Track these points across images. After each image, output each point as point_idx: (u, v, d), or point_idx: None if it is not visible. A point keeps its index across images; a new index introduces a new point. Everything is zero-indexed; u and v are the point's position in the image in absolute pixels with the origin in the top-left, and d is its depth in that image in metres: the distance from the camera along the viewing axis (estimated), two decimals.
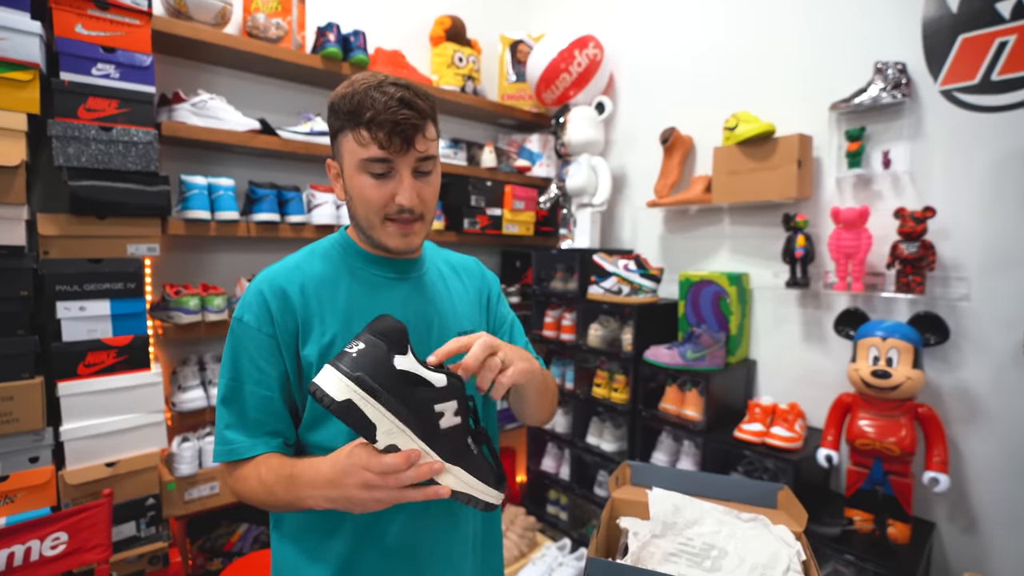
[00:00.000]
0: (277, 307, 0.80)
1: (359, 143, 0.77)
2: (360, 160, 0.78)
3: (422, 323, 0.87)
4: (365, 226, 0.83)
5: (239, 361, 0.80)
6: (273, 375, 0.80)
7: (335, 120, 0.80)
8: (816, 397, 1.83)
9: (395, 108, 0.74)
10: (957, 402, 1.59)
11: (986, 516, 1.55)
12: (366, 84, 0.77)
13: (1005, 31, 1.45)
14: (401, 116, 0.75)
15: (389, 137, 0.75)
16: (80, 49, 1.50)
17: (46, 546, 1.34)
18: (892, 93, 1.62)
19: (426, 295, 0.90)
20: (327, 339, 0.80)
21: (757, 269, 2.03)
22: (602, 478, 2.24)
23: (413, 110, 0.76)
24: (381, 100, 0.74)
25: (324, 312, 0.81)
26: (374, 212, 0.80)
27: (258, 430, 0.79)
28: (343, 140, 0.80)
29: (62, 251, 1.53)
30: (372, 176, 0.78)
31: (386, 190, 0.79)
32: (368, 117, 0.75)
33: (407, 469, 0.64)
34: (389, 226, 0.81)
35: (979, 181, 1.53)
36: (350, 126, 0.77)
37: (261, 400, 0.79)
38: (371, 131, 0.75)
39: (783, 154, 1.80)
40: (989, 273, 1.52)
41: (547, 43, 2.38)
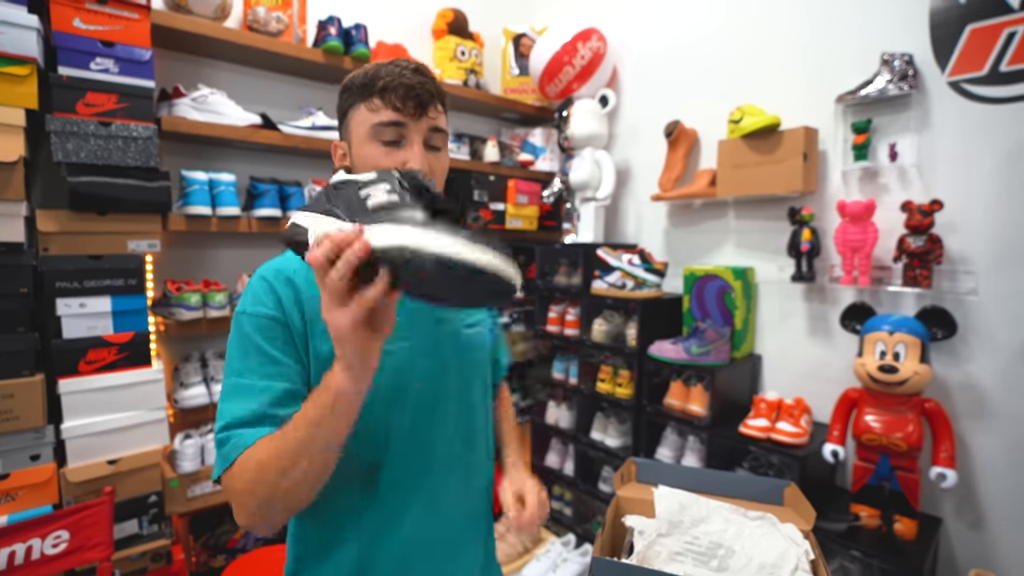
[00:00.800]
0: (286, 294, 0.74)
1: (371, 110, 0.76)
2: (371, 126, 0.76)
3: (433, 313, 0.85)
4: None
5: (247, 355, 0.71)
6: (288, 364, 0.72)
7: (346, 99, 0.80)
8: (822, 392, 1.82)
9: (409, 75, 0.75)
10: (965, 397, 1.57)
11: (994, 512, 1.54)
12: (382, 64, 0.78)
13: (1014, 21, 1.43)
14: (416, 81, 0.75)
15: (403, 101, 0.75)
16: (78, 43, 1.49)
17: (47, 544, 1.33)
18: (899, 85, 1.60)
19: None
20: None
21: (762, 263, 2.01)
22: (606, 473, 2.23)
23: (423, 76, 0.77)
24: (395, 70, 0.75)
25: None
26: None
27: (262, 423, 0.68)
28: (353, 115, 0.79)
29: (62, 247, 1.52)
30: (382, 144, 0.77)
31: (396, 158, 0.76)
32: (381, 85, 0.75)
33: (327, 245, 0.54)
34: None
35: (987, 174, 1.51)
36: (362, 98, 0.77)
37: (276, 395, 0.69)
38: (384, 97, 0.75)
39: (788, 147, 1.78)
40: (997, 267, 1.50)
41: (550, 36, 2.36)
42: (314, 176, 2.12)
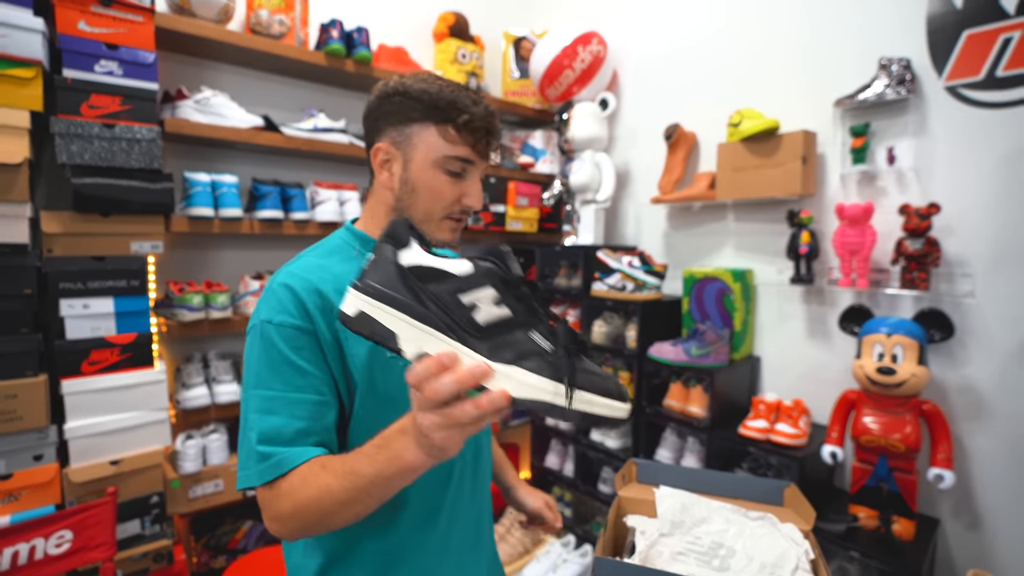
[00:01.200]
0: (313, 304, 0.73)
1: (447, 140, 0.78)
2: (442, 156, 0.78)
3: None
4: (420, 219, 0.81)
5: (275, 367, 0.71)
6: (317, 375, 0.72)
7: (406, 108, 0.78)
8: (821, 394, 1.83)
9: (489, 118, 0.79)
10: (962, 399, 1.59)
11: (991, 513, 1.55)
12: (452, 87, 0.79)
13: (1010, 27, 1.44)
14: (494, 126, 0.80)
15: (481, 143, 0.79)
16: (83, 46, 1.50)
17: (50, 544, 1.34)
18: (896, 89, 1.62)
19: None
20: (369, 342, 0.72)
21: (761, 265, 2.02)
22: (606, 475, 2.24)
23: (497, 121, 0.81)
24: (478, 108, 0.78)
25: None
26: (440, 208, 0.81)
27: (302, 441, 0.69)
28: (418, 131, 0.79)
29: (65, 249, 1.52)
30: (448, 174, 0.80)
31: (457, 189, 0.81)
32: (464, 120, 0.77)
33: (441, 375, 0.52)
34: (445, 222, 0.82)
35: (984, 177, 1.53)
36: (436, 120, 0.78)
37: (304, 406, 0.70)
38: (463, 133, 0.77)
39: (787, 150, 1.79)
40: (994, 270, 1.52)
41: (550, 40, 2.37)
42: (315, 178, 2.13)
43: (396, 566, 0.81)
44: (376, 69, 2.11)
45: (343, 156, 2.11)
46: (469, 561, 0.91)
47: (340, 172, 2.27)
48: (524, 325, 0.55)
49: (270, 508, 0.68)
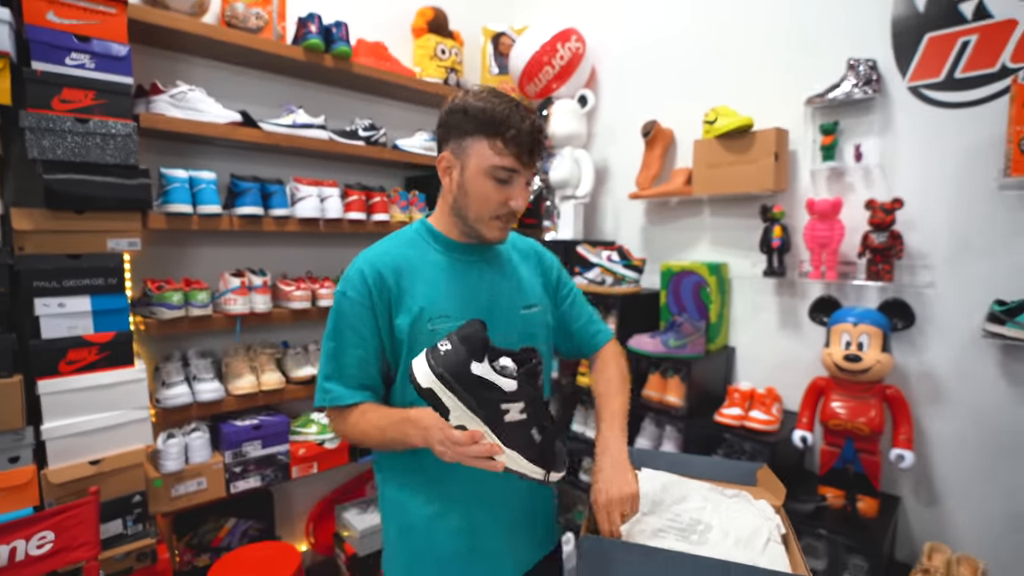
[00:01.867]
0: (374, 284, 0.95)
1: (495, 151, 0.91)
2: (491, 165, 0.92)
3: (495, 296, 1.02)
4: (472, 219, 0.97)
5: (341, 327, 0.97)
6: (369, 339, 0.96)
7: (464, 123, 0.92)
8: (792, 382, 1.90)
9: (534, 132, 0.92)
10: (922, 384, 1.67)
11: (948, 490, 1.65)
12: (504, 103, 0.91)
13: (967, 31, 1.52)
14: (535, 139, 0.93)
15: (526, 154, 0.92)
16: (52, 37, 1.46)
17: (32, 545, 1.32)
18: (863, 89, 1.69)
19: (499, 273, 1.05)
20: (415, 311, 0.95)
21: (736, 259, 2.09)
22: (587, 465, 2.29)
23: (542, 134, 0.95)
24: (524, 124, 0.91)
25: (412, 289, 0.97)
26: (489, 210, 0.95)
27: (353, 383, 0.97)
28: (472, 143, 0.93)
29: (37, 246, 1.49)
30: (496, 181, 0.93)
31: (504, 194, 0.94)
32: (512, 135, 0.90)
33: (471, 444, 0.78)
34: (494, 223, 0.97)
35: (944, 174, 1.61)
36: (487, 134, 0.91)
37: (358, 360, 0.97)
38: (509, 146, 0.90)
39: (761, 147, 1.85)
40: (953, 262, 1.60)
41: (530, 36, 2.39)
42: (295, 174, 2.11)
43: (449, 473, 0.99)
44: (355, 64, 2.10)
45: (322, 153, 2.10)
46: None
47: (319, 168, 2.26)
48: (529, 425, 0.82)
49: (336, 426, 1.00)
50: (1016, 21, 1.44)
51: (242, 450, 1.88)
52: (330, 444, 2.07)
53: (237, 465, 1.87)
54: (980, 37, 1.50)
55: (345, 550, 2.29)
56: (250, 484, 1.91)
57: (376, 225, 2.18)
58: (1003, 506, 1.54)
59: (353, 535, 2.25)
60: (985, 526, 1.58)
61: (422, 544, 1.01)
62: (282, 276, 2.09)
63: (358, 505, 2.40)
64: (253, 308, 1.88)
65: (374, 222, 2.17)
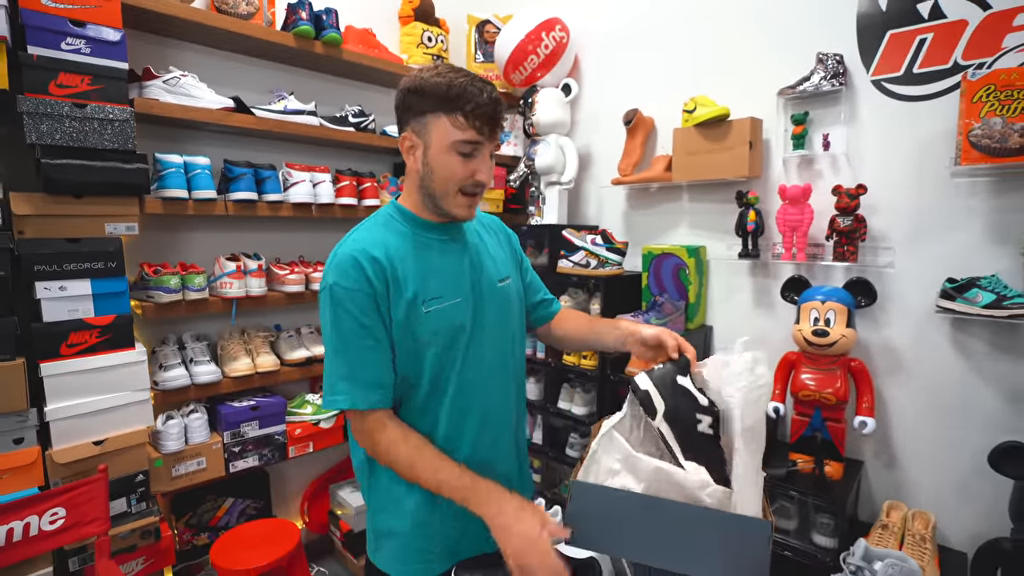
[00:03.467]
0: (372, 270, 0.93)
1: (455, 127, 0.92)
2: (453, 141, 0.93)
3: (476, 273, 1.05)
4: (439, 195, 0.97)
5: (342, 322, 0.93)
6: (374, 328, 0.94)
7: (422, 102, 0.93)
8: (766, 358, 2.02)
9: (492, 104, 0.93)
10: (883, 356, 1.82)
11: (905, 453, 1.80)
12: (461, 77, 0.92)
13: (925, 29, 1.64)
14: (495, 111, 0.93)
15: (485, 126, 0.93)
16: (48, 22, 1.47)
17: (44, 521, 1.37)
18: (831, 81, 1.80)
19: (473, 252, 1.08)
20: (408, 296, 0.96)
21: (713, 242, 2.20)
22: (573, 440, 2.40)
23: (501, 106, 0.95)
24: (482, 96, 0.91)
25: (405, 275, 0.96)
26: (454, 184, 0.96)
27: (368, 381, 0.93)
28: (434, 122, 0.93)
29: (37, 231, 1.51)
30: (460, 155, 0.94)
31: (469, 167, 0.95)
32: (470, 108, 0.90)
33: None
34: (460, 198, 0.98)
35: (903, 162, 1.73)
36: (446, 111, 0.92)
37: (365, 351, 0.93)
38: (469, 119, 0.91)
39: (736, 136, 1.96)
40: (910, 243, 1.74)
41: (515, 25, 2.44)
42: (287, 159, 2.14)
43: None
44: (345, 51, 2.13)
45: (314, 138, 2.13)
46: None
47: (310, 154, 2.29)
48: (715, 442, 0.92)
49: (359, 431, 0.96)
50: (967, 22, 1.56)
51: (240, 430, 1.93)
52: (325, 424, 2.13)
53: (236, 445, 1.92)
54: (935, 35, 1.62)
55: (340, 527, 2.36)
56: (248, 463, 1.96)
57: (367, 210, 2.23)
58: (951, 465, 1.70)
59: (349, 512, 2.32)
60: (936, 484, 1.73)
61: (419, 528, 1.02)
62: (275, 260, 2.13)
63: (351, 484, 2.47)
64: (249, 291, 1.92)
65: (365, 207, 2.22)
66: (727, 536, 0.85)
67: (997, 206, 1.57)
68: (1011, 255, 1.55)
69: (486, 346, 1.04)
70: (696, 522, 0.87)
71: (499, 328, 1.08)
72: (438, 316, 0.97)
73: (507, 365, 1.10)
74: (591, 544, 0.95)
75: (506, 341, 1.10)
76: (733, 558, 0.85)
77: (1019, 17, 1.49)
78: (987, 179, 1.58)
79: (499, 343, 1.07)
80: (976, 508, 1.64)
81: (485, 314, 1.04)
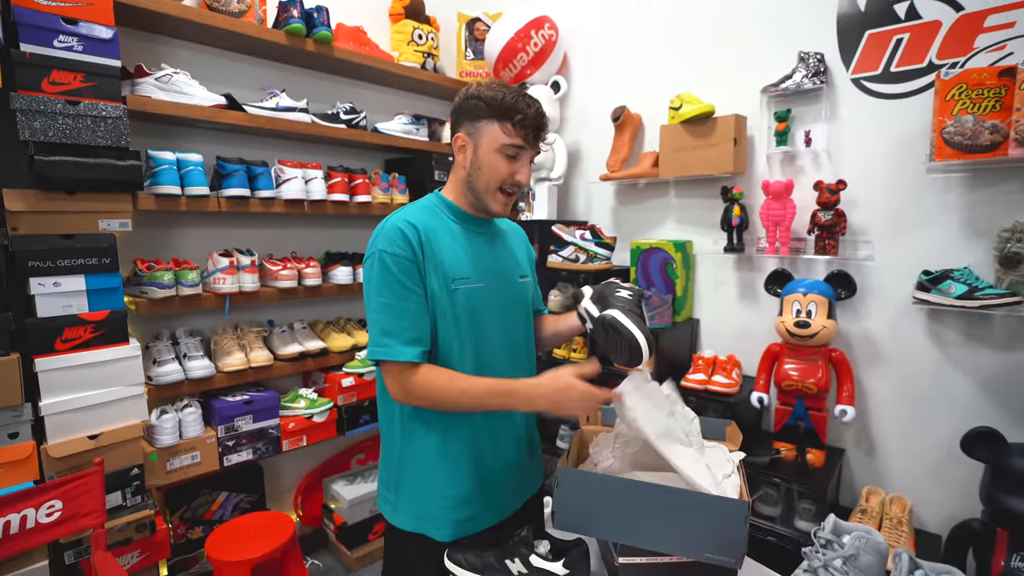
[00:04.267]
0: (414, 238, 1.05)
1: (505, 133, 1.05)
2: (502, 144, 1.06)
3: (500, 265, 1.18)
4: (481, 190, 1.10)
5: (388, 282, 1.04)
6: (415, 290, 1.05)
7: (478, 109, 1.07)
8: (750, 349, 2.08)
9: (539, 117, 1.07)
10: (862, 346, 1.87)
11: (883, 441, 1.86)
12: (513, 93, 1.06)
13: (901, 29, 1.69)
14: (540, 123, 1.07)
15: (532, 135, 1.06)
16: (40, 19, 1.48)
17: (41, 514, 1.38)
18: (813, 80, 1.85)
19: (499, 246, 1.21)
20: (442, 272, 1.07)
21: (699, 237, 2.25)
22: (563, 432, 2.44)
23: (545, 120, 1.09)
24: (531, 110, 1.05)
25: (439, 251, 1.08)
26: (496, 182, 1.09)
27: (406, 337, 1.03)
28: (486, 125, 1.07)
29: (31, 227, 1.52)
30: (506, 157, 1.07)
31: (511, 168, 1.08)
32: (519, 118, 1.04)
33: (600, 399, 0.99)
34: (499, 195, 1.11)
35: (881, 158, 1.79)
36: (499, 118, 1.05)
37: (406, 311, 1.04)
38: (518, 128, 1.05)
39: (721, 133, 2.00)
40: (889, 237, 1.79)
41: (504, 22, 2.47)
42: (279, 156, 2.15)
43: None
44: (336, 49, 2.15)
45: (305, 136, 2.15)
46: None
47: (302, 151, 2.30)
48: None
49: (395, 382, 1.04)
50: (940, 22, 1.62)
51: (234, 424, 1.95)
52: (318, 418, 2.16)
53: (230, 439, 1.94)
54: (911, 35, 1.67)
55: (334, 520, 2.39)
56: (243, 457, 1.98)
57: (359, 206, 2.25)
58: (927, 451, 1.76)
59: (342, 506, 2.35)
60: (912, 469, 1.79)
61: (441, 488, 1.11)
62: (268, 256, 2.15)
63: (345, 477, 2.50)
64: (242, 287, 1.94)
65: (357, 203, 2.24)
66: (707, 515, 0.89)
67: (970, 201, 1.63)
68: (984, 248, 1.61)
69: (502, 330, 1.16)
70: (677, 503, 0.91)
71: (515, 315, 1.20)
72: (465, 295, 1.09)
73: (519, 350, 1.21)
74: (578, 527, 0.99)
75: (519, 328, 1.21)
76: (712, 536, 0.89)
77: (990, 18, 1.54)
78: (960, 175, 1.64)
79: (513, 329, 1.19)
80: (950, 491, 1.70)
81: (504, 301, 1.17)
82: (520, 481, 1.23)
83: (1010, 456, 1.39)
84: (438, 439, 1.11)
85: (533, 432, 1.30)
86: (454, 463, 1.11)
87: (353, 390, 2.26)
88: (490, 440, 1.14)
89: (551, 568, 0.97)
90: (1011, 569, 1.33)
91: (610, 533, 1.00)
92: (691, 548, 0.92)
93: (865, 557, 0.85)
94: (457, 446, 1.11)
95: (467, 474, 1.12)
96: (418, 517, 1.12)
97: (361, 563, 2.34)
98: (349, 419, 2.26)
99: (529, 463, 1.26)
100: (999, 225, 1.54)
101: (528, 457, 1.25)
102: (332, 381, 2.25)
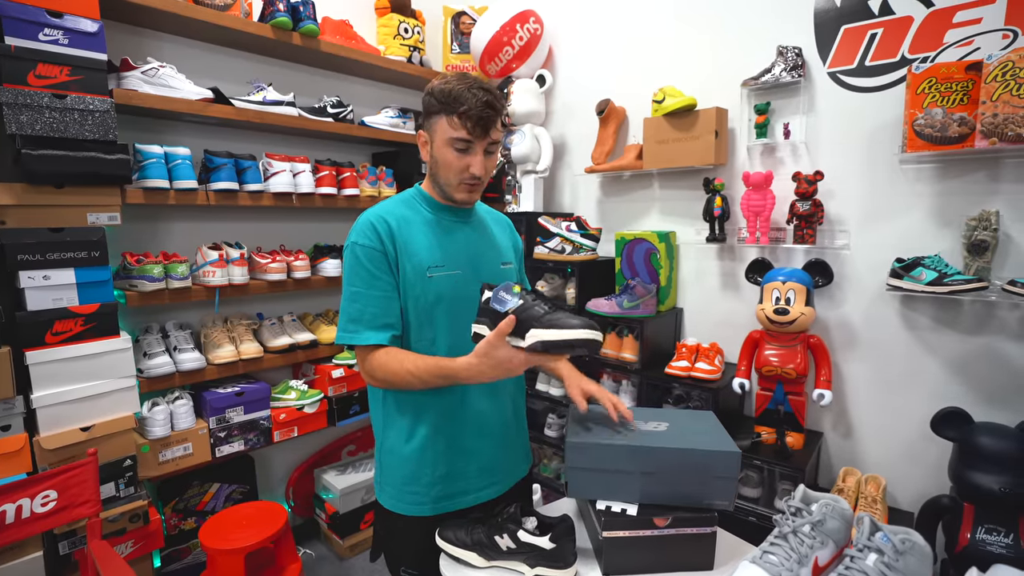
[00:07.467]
0: (384, 231, 1.10)
1: (451, 126, 1.06)
2: (449, 138, 1.07)
3: (478, 253, 1.20)
4: (443, 183, 1.13)
5: (358, 272, 1.09)
6: (385, 279, 1.09)
7: (433, 104, 1.08)
8: (732, 336, 2.14)
9: (481, 107, 1.04)
10: (839, 332, 1.94)
11: (859, 424, 1.93)
12: (463, 84, 1.05)
13: (875, 24, 1.74)
14: (485, 114, 1.05)
15: (475, 127, 1.05)
16: (23, 12, 1.48)
17: (36, 503, 1.40)
18: (791, 73, 1.90)
19: (478, 234, 1.24)
20: (415, 261, 1.11)
21: (682, 227, 2.30)
22: (551, 420, 2.49)
23: (492, 110, 1.06)
24: (473, 100, 1.04)
25: (413, 241, 1.12)
26: (453, 175, 1.11)
27: (375, 323, 1.09)
28: (437, 120, 1.08)
29: (19, 220, 1.53)
30: (456, 150, 1.08)
31: (464, 161, 1.09)
32: (463, 110, 1.04)
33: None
34: (461, 186, 1.13)
35: (856, 150, 1.84)
36: (446, 112, 1.06)
37: (378, 300, 1.09)
38: (462, 120, 1.04)
39: (703, 125, 2.05)
40: (864, 226, 1.85)
41: (490, 16, 2.49)
42: (267, 150, 2.16)
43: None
44: (322, 43, 2.16)
45: (293, 129, 2.16)
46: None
47: (290, 144, 2.31)
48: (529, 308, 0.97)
49: (364, 364, 1.10)
50: (912, 18, 1.67)
51: (226, 416, 1.97)
52: (309, 409, 2.18)
53: (221, 430, 1.96)
54: (885, 30, 1.72)
55: (326, 509, 2.42)
56: (234, 448, 2.00)
57: (347, 200, 2.27)
58: (900, 432, 1.83)
59: (334, 496, 2.38)
60: (886, 450, 1.86)
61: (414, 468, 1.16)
62: (257, 249, 2.16)
63: (336, 468, 2.53)
64: (231, 280, 1.95)
65: (344, 196, 2.26)
66: (705, 467, 1.03)
67: (940, 190, 1.69)
68: (953, 236, 1.67)
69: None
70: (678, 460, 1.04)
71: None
72: (440, 282, 1.12)
73: None
74: (589, 493, 1.10)
75: None
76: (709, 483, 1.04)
77: (959, 14, 1.60)
78: (931, 165, 1.70)
79: None
80: (922, 470, 1.77)
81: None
82: (502, 462, 1.26)
83: (976, 435, 1.45)
84: (410, 420, 1.16)
85: (520, 416, 1.33)
86: (425, 443, 1.15)
87: (343, 381, 2.29)
88: (464, 422, 1.17)
89: (538, 542, 1.01)
90: (976, 540, 1.40)
91: (621, 495, 1.08)
92: (692, 496, 1.04)
93: (831, 522, 0.91)
94: (426, 428, 1.15)
95: (440, 453, 1.15)
96: (397, 495, 1.18)
97: (353, 552, 2.37)
98: (339, 410, 2.28)
99: (513, 445, 1.29)
100: (967, 214, 1.60)
101: (512, 439, 1.28)
102: (322, 372, 2.27)
